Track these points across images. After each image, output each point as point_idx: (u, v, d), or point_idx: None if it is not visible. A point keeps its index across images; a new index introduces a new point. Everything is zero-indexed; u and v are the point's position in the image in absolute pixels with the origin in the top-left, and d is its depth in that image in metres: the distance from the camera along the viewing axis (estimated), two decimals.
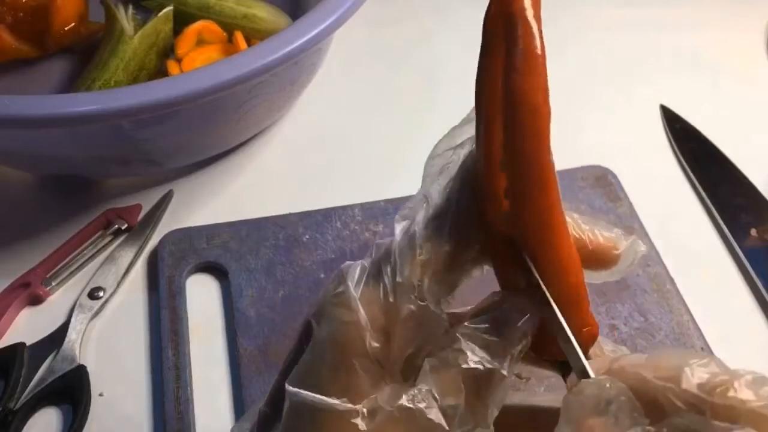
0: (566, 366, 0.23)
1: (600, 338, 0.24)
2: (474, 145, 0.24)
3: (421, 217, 0.23)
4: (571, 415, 0.20)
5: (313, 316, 0.23)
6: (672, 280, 0.45)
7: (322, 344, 0.22)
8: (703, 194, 0.52)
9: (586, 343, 0.23)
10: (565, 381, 0.24)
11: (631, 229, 0.48)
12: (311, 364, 0.22)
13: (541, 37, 0.21)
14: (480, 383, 0.21)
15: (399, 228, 0.24)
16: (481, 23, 0.23)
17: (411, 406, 0.21)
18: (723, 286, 0.47)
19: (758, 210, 0.50)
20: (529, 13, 0.21)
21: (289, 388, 0.22)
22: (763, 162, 0.53)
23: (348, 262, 0.23)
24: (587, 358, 0.22)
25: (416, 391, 0.21)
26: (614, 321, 0.44)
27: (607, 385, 0.20)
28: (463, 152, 0.25)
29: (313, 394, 0.21)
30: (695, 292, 0.45)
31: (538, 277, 0.22)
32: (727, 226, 0.49)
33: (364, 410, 0.21)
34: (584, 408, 0.20)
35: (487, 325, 0.22)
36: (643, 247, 0.26)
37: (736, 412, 0.19)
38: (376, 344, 0.22)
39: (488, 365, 0.21)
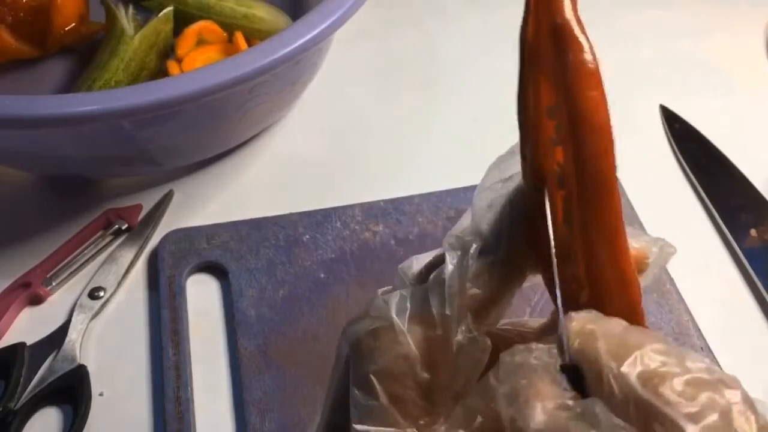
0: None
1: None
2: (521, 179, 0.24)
3: (472, 251, 0.24)
4: (506, 369, 0.21)
5: (352, 348, 0.23)
6: (672, 280, 0.45)
7: (376, 376, 0.22)
8: (703, 194, 0.52)
9: None
10: None
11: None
12: (368, 399, 0.22)
13: (592, 51, 0.20)
14: None
15: (449, 258, 0.24)
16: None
17: None
18: (723, 286, 0.47)
19: (758, 210, 0.50)
20: (576, 27, 0.20)
21: (358, 427, 0.22)
22: (763, 162, 0.53)
23: (382, 289, 0.24)
24: None
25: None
26: None
27: (533, 355, 0.20)
28: (512, 185, 0.25)
29: (385, 428, 0.22)
30: (695, 292, 0.45)
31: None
32: (727, 226, 0.49)
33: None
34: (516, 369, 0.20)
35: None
36: (672, 249, 0.26)
37: (653, 410, 0.18)
38: (426, 375, 0.22)
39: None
